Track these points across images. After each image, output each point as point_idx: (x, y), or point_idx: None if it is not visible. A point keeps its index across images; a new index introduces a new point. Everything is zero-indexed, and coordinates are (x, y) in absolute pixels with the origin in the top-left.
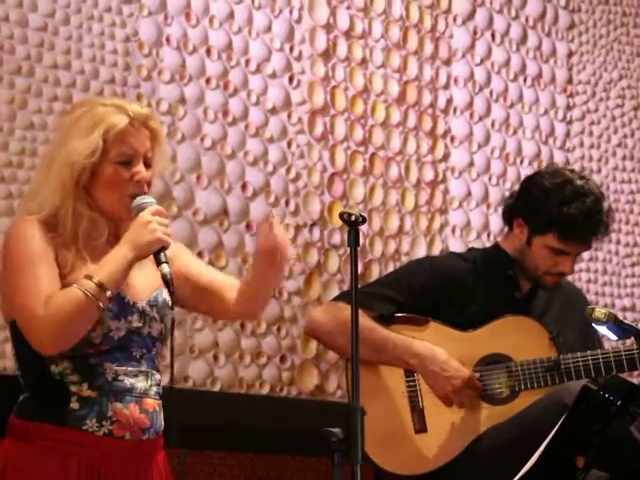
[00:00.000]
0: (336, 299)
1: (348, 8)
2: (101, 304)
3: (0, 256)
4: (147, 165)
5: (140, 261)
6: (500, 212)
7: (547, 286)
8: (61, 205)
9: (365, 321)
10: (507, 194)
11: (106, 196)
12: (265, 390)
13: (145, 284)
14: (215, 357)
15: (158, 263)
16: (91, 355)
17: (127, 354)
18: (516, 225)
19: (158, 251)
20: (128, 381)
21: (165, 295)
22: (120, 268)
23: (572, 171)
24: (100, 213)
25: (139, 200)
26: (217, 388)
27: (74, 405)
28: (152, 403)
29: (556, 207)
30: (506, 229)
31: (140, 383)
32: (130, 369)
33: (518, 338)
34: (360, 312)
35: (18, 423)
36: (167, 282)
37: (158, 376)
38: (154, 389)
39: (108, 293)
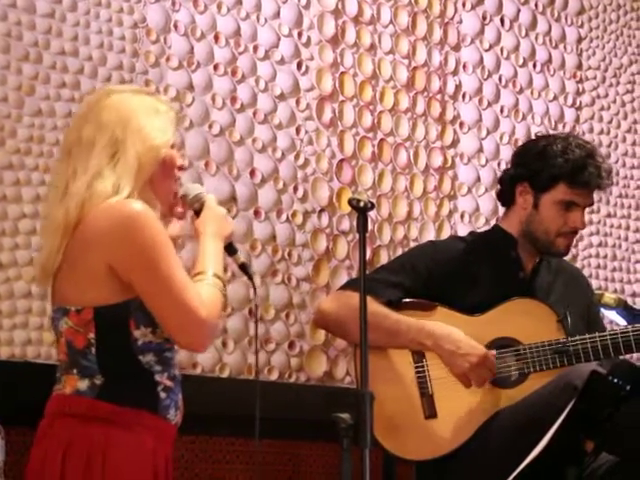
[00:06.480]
0: (343, 287)
1: None
2: None
3: (116, 241)
4: None
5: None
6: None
7: (560, 251)
8: (138, 190)
9: (377, 307)
10: (501, 171)
11: (164, 186)
12: (274, 376)
13: None
14: (224, 343)
15: (233, 252)
16: (167, 349)
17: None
18: (519, 194)
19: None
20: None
21: None
22: (221, 260)
23: (557, 133)
24: None
25: (194, 188)
26: (226, 374)
27: (162, 394)
28: None
29: (559, 157)
30: (503, 210)
31: None
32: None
33: (526, 321)
34: (369, 299)
35: (109, 407)
36: (246, 268)
37: None
38: None
39: None
